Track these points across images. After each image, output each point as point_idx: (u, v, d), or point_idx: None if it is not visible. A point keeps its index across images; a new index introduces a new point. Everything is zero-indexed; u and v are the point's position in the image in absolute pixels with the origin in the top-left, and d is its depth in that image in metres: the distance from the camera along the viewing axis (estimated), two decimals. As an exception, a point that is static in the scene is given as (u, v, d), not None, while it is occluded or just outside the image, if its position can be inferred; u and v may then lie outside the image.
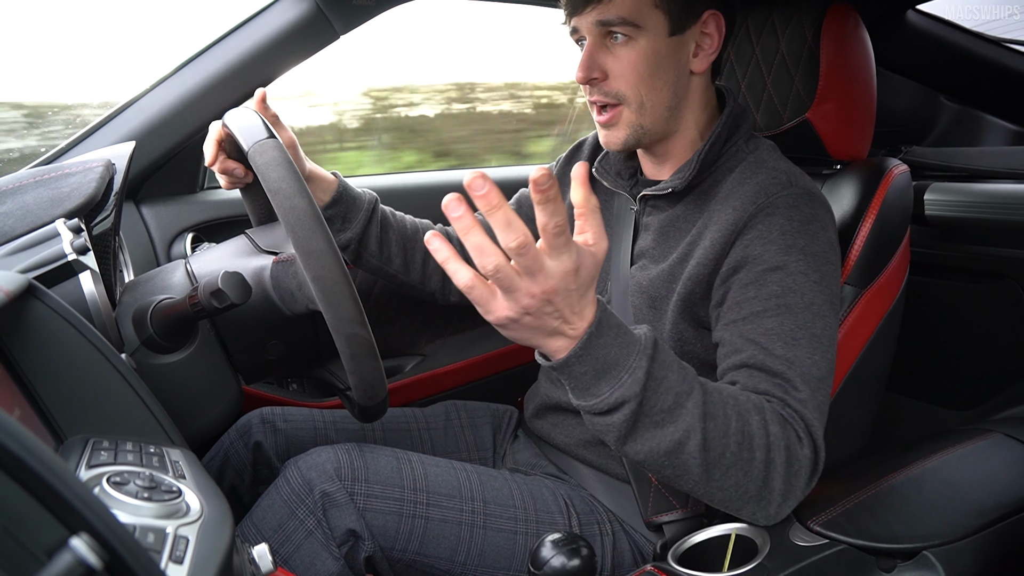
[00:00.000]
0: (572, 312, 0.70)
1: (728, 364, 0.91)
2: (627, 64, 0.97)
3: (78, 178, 0.91)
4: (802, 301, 0.90)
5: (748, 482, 0.80)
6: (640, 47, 0.97)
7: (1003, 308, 1.52)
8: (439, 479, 1.03)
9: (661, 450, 0.77)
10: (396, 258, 1.23)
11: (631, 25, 0.95)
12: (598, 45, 0.98)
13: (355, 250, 1.19)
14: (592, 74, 0.98)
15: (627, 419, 0.75)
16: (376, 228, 1.19)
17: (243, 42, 1.33)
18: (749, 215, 0.95)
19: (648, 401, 0.75)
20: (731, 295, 0.94)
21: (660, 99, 1.00)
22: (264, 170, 0.83)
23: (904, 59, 1.62)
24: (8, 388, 0.63)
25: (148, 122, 1.30)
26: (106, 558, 0.38)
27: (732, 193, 0.99)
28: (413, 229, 1.26)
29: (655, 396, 0.75)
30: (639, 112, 1.00)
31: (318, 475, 0.97)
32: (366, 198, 1.19)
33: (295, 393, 1.50)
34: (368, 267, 1.23)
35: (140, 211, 1.40)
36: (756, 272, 0.92)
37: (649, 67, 0.97)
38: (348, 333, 0.81)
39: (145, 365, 0.87)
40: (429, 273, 1.27)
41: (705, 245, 0.98)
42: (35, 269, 0.79)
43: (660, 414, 0.76)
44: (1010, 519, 0.92)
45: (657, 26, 0.96)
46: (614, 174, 1.13)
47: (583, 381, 0.74)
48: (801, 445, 0.83)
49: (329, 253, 0.80)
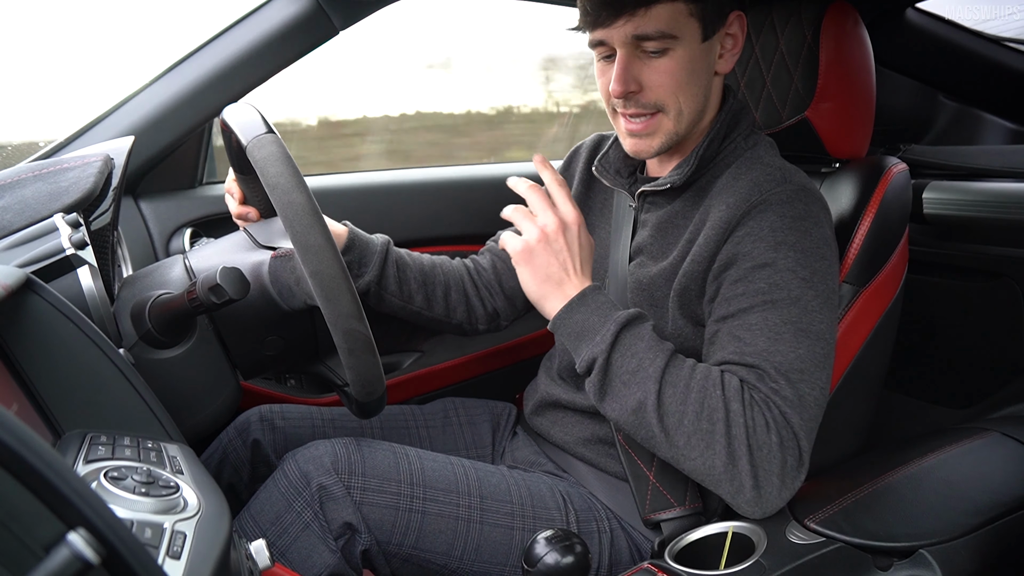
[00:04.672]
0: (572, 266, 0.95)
1: (712, 360, 0.93)
2: (665, 75, 0.96)
3: (76, 172, 0.91)
4: (788, 296, 0.90)
5: (713, 456, 0.86)
6: (677, 57, 0.95)
7: (1001, 307, 1.52)
8: (436, 474, 1.03)
9: (628, 409, 0.90)
10: (417, 295, 1.21)
11: (669, 37, 0.93)
12: (632, 57, 0.96)
13: (376, 293, 1.18)
14: (630, 87, 0.96)
15: (599, 377, 0.91)
16: (392, 268, 1.18)
17: (242, 37, 1.33)
18: (743, 212, 0.95)
19: (615, 363, 0.90)
20: (721, 291, 0.95)
21: (696, 105, 0.99)
22: (262, 165, 0.83)
23: (903, 57, 1.62)
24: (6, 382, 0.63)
25: (147, 117, 1.29)
26: (103, 553, 0.38)
27: (726, 189, 0.99)
28: (430, 265, 1.24)
29: (621, 360, 0.90)
30: (677, 120, 0.99)
31: (315, 468, 0.97)
32: (378, 241, 1.18)
33: (293, 389, 1.50)
34: (391, 308, 1.21)
35: (139, 206, 1.39)
36: (745, 269, 0.93)
37: (686, 75, 0.96)
38: (346, 328, 0.81)
39: (143, 360, 0.87)
40: (452, 305, 1.26)
41: (700, 242, 0.98)
42: (33, 263, 0.79)
43: (626, 375, 0.90)
44: (1006, 518, 0.92)
45: (692, 34, 0.95)
46: (613, 172, 1.12)
47: (571, 342, 0.94)
48: (768, 431, 0.85)
49: (327, 248, 0.80)
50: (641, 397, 0.88)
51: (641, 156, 1.03)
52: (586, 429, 1.12)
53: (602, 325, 0.91)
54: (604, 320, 0.92)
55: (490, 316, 1.30)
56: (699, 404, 0.87)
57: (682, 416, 0.87)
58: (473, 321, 1.29)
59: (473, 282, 1.28)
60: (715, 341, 0.94)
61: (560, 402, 1.16)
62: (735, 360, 0.90)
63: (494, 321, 1.31)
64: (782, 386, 0.87)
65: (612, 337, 0.90)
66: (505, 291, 1.29)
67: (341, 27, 1.37)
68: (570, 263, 0.94)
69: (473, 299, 1.28)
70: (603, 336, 0.90)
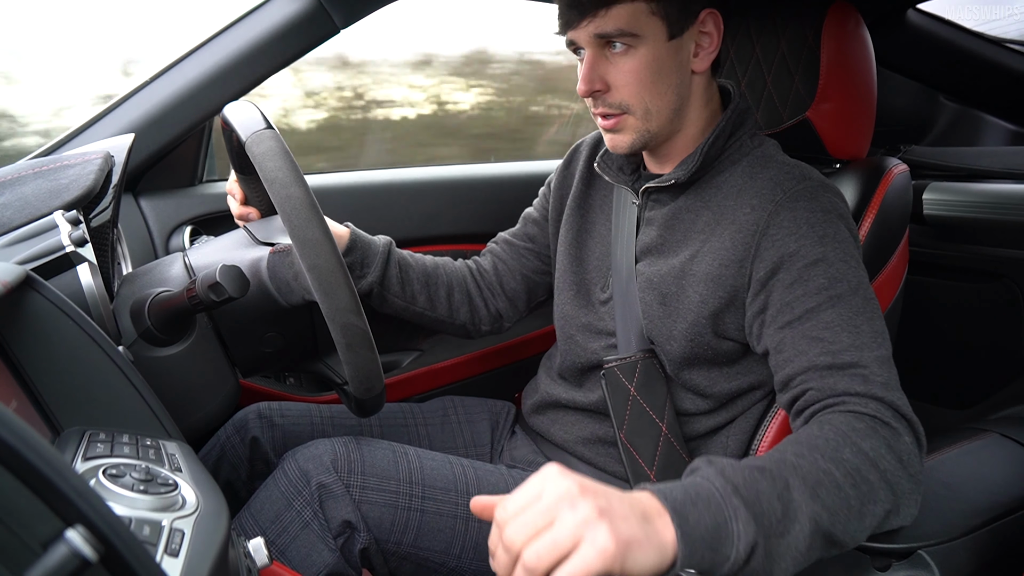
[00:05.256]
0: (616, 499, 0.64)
1: (795, 368, 0.88)
2: (629, 74, 0.96)
3: (77, 170, 0.91)
4: (849, 287, 0.89)
5: (883, 502, 0.76)
6: (640, 55, 0.96)
7: (1001, 308, 1.52)
8: (435, 472, 1.03)
9: (802, 549, 0.70)
10: (420, 296, 1.21)
11: (630, 35, 0.95)
12: (598, 57, 0.97)
13: (378, 294, 1.18)
14: (595, 87, 0.98)
15: (763, 555, 0.68)
16: (395, 269, 1.18)
17: (243, 35, 1.33)
18: (769, 212, 0.94)
19: (765, 528, 0.68)
20: (775, 297, 0.92)
21: (665, 103, 0.99)
22: (261, 160, 0.83)
23: (904, 59, 1.62)
24: (5, 379, 0.63)
25: (147, 114, 1.29)
26: (101, 550, 0.38)
27: (744, 189, 0.99)
28: (433, 266, 1.24)
29: (764, 516, 0.68)
30: (644, 119, 0.99)
31: (315, 467, 0.97)
32: (380, 242, 1.18)
33: (292, 387, 1.50)
34: (394, 309, 1.21)
35: (139, 203, 1.39)
36: (798, 269, 0.91)
37: (651, 74, 0.97)
38: (344, 323, 0.80)
39: (142, 358, 0.87)
40: (456, 306, 1.26)
41: (723, 244, 0.97)
42: (33, 260, 0.79)
43: (780, 524, 0.69)
44: (1005, 519, 0.92)
45: (656, 33, 0.96)
46: (616, 169, 1.12)
47: (706, 561, 0.66)
48: (898, 434, 0.80)
49: (325, 242, 0.80)
50: (811, 529, 0.70)
51: (618, 151, 1.04)
52: (586, 428, 1.12)
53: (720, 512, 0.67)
54: (715, 506, 0.67)
55: (493, 317, 1.30)
56: (849, 477, 0.74)
57: (847, 502, 0.73)
58: (477, 322, 1.29)
59: (476, 283, 1.28)
60: (787, 348, 0.89)
61: (560, 401, 1.16)
62: (826, 364, 0.85)
63: (497, 322, 1.31)
64: (886, 377, 0.84)
65: (747, 512, 0.67)
66: (507, 293, 1.29)
67: (342, 25, 1.37)
68: (614, 500, 0.63)
69: (476, 300, 1.28)
70: (739, 521, 0.67)
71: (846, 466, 0.74)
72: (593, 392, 1.11)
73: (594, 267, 1.15)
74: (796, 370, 0.88)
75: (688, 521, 0.65)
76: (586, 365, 1.14)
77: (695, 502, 0.67)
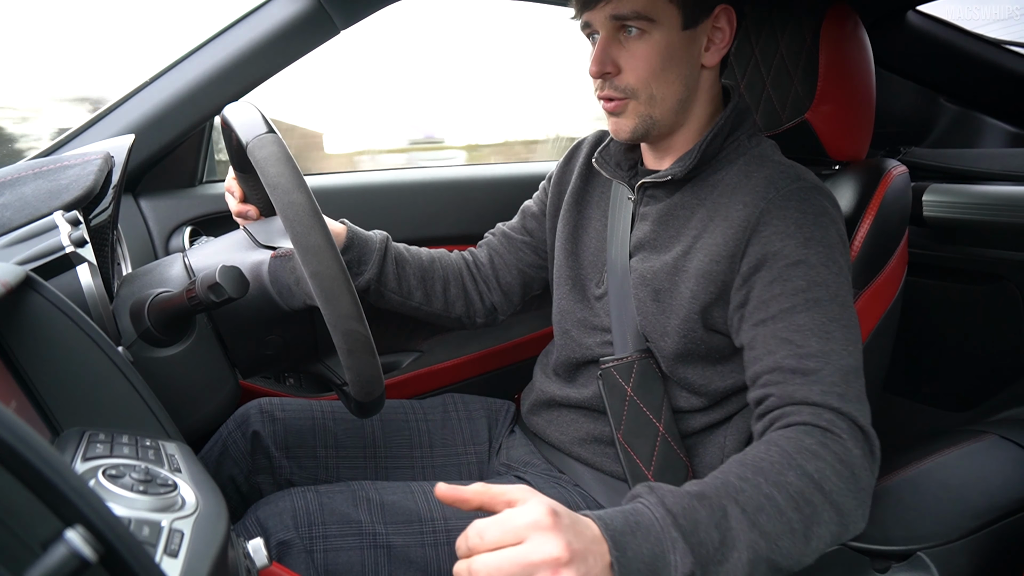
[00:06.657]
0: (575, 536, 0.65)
1: (762, 366, 0.89)
2: (640, 58, 0.98)
3: (77, 170, 0.91)
4: (827, 293, 0.90)
5: (828, 523, 0.77)
6: (653, 41, 0.97)
7: (1000, 310, 1.52)
8: (396, 507, 1.02)
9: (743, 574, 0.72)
10: (416, 291, 1.22)
11: (645, 19, 0.96)
12: (611, 39, 0.99)
13: (376, 290, 1.19)
14: (605, 68, 0.99)
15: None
16: (392, 265, 1.19)
17: (243, 36, 1.33)
18: (761, 210, 0.95)
19: (703, 558, 0.70)
20: (755, 294, 0.93)
21: (671, 92, 1.00)
22: (263, 165, 0.83)
23: (903, 60, 1.62)
24: (4, 380, 0.62)
25: (147, 115, 1.30)
26: (101, 551, 0.38)
27: (739, 186, 0.99)
28: (429, 260, 1.25)
29: (702, 546, 0.70)
30: (648, 104, 1.00)
31: (275, 524, 0.96)
32: (377, 238, 1.18)
33: (292, 388, 1.51)
34: (391, 304, 1.22)
35: (139, 204, 1.39)
36: (779, 268, 0.92)
37: (662, 61, 0.98)
38: (345, 329, 0.81)
39: (142, 358, 0.87)
40: (451, 300, 1.27)
41: (715, 241, 0.98)
42: (33, 261, 0.79)
43: (717, 553, 0.71)
44: (1004, 521, 0.92)
45: (671, 20, 0.97)
46: (614, 164, 1.13)
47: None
48: (847, 448, 0.80)
49: (327, 249, 0.80)
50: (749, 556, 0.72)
51: (620, 137, 1.05)
52: (582, 428, 1.12)
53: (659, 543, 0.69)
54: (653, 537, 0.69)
55: (488, 310, 1.31)
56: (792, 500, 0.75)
57: (788, 525, 0.74)
58: (472, 315, 1.30)
59: (472, 276, 1.29)
60: (759, 345, 0.90)
61: (555, 399, 1.16)
62: (791, 367, 0.86)
63: (492, 315, 1.32)
64: (844, 389, 0.84)
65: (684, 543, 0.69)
66: (502, 286, 1.30)
67: (342, 26, 1.37)
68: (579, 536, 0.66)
69: (472, 293, 1.29)
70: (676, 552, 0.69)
71: (789, 489, 0.76)
72: (587, 388, 1.12)
73: (589, 262, 1.15)
74: (763, 369, 0.89)
75: (626, 553, 0.67)
76: (580, 360, 1.14)
77: (635, 532, 0.69)
